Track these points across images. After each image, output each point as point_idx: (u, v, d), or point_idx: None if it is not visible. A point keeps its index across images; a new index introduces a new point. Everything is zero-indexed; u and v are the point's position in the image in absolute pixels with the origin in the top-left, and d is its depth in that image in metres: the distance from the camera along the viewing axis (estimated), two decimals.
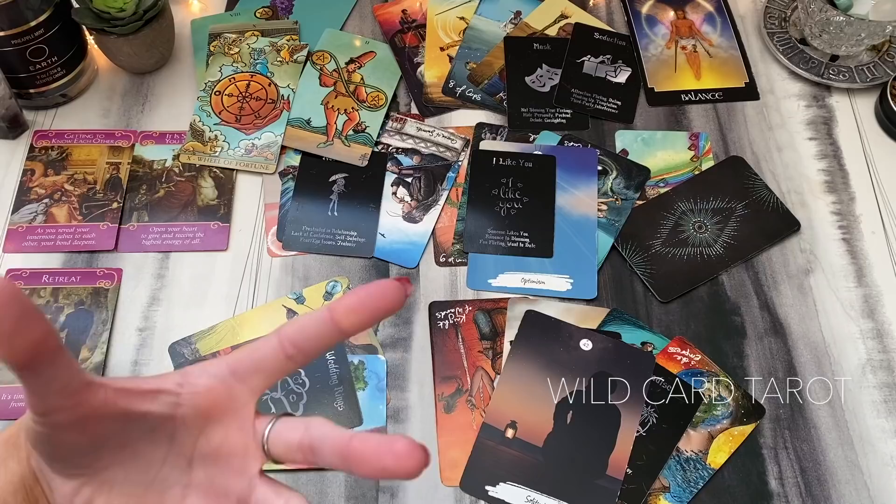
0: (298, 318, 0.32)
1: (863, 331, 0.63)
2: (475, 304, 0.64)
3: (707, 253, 0.66)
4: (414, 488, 0.56)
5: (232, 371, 0.33)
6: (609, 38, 0.79)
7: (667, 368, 0.61)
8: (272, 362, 0.32)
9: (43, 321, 0.28)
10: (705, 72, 0.78)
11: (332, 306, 0.31)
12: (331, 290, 0.65)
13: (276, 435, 0.33)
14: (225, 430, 0.33)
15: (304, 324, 0.32)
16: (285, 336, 0.32)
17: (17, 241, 0.66)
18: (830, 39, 0.74)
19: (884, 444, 0.58)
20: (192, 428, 0.33)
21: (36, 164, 0.70)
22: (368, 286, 0.31)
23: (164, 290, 0.65)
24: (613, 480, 0.56)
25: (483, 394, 0.60)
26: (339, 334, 0.31)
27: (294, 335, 0.32)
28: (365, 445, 0.30)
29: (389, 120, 0.74)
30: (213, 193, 0.69)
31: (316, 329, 0.32)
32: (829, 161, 0.72)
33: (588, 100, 0.75)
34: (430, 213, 0.69)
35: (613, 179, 0.70)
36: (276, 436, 0.33)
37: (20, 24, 0.66)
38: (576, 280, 0.65)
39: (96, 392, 0.30)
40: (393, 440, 0.29)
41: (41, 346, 0.28)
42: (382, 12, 0.82)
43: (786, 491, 0.57)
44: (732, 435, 0.58)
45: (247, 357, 0.33)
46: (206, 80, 0.75)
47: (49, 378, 0.29)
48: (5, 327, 0.27)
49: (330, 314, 0.31)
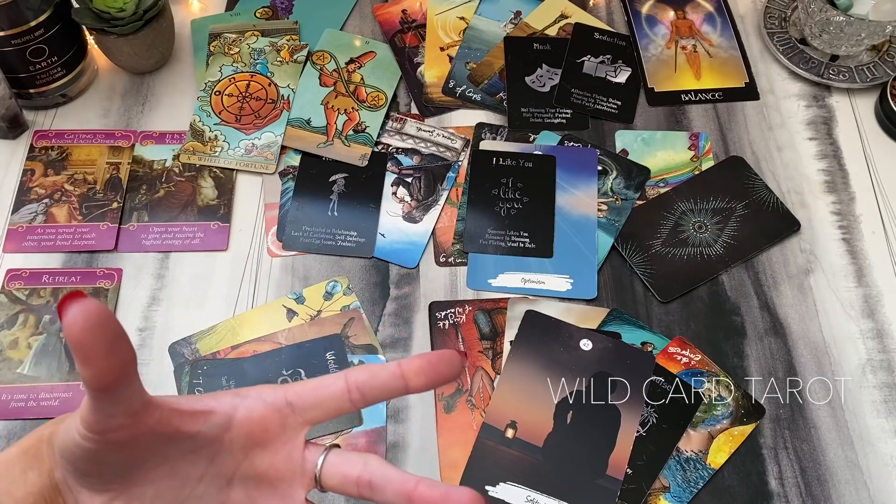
0: (369, 367, 0.34)
1: (863, 331, 0.63)
2: (475, 304, 0.64)
3: (707, 253, 0.66)
4: None
5: (290, 402, 0.34)
6: (609, 38, 0.79)
7: (667, 368, 0.61)
8: (335, 402, 0.34)
9: (129, 343, 0.28)
10: (705, 72, 0.78)
11: (402, 364, 0.33)
12: (331, 290, 0.65)
13: (332, 467, 0.34)
14: (272, 457, 0.34)
15: (375, 373, 0.34)
16: (354, 381, 0.34)
17: (17, 241, 0.66)
18: (830, 39, 0.74)
19: (884, 444, 0.58)
20: (237, 451, 0.34)
21: (36, 164, 0.70)
22: (436, 353, 0.33)
23: (164, 290, 0.65)
24: (613, 480, 0.56)
25: (483, 394, 0.60)
26: (404, 390, 0.33)
27: (363, 382, 0.34)
28: (432, 492, 0.31)
29: (389, 120, 0.74)
30: (213, 193, 0.69)
31: (385, 381, 0.33)
32: (829, 161, 0.72)
33: (588, 100, 0.75)
34: (430, 213, 0.69)
35: (613, 179, 0.70)
36: (332, 468, 0.34)
37: (20, 24, 0.66)
38: (576, 280, 0.65)
39: (153, 412, 0.31)
40: (459, 492, 0.31)
41: (127, 368, 0.29)
42: (382, 12, 0.82)
43: (786, 491, 0.57)
44: (732, 435, 0.58)
45: (311, 392, 0.34)
46: (206, 80, 0.75)
47: (120, 398, 0.29)
48: (100, 349, 0.27)
49: (400, 370, 0.33)
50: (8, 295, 0.63)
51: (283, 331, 0.62)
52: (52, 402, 0.59)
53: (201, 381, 0.60)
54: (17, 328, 0.62)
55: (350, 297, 0.64)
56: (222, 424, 0.33)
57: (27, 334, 0.61)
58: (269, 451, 0.34)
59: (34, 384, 0.59)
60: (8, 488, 0.33)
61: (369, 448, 0.58)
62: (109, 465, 0.32)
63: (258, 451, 0.34)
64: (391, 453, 0.58)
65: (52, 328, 0.62)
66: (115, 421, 0.30)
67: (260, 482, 0.34)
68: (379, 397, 0.34)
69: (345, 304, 0.64)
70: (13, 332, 0.61)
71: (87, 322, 0.27)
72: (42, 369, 0.60)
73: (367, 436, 0.58)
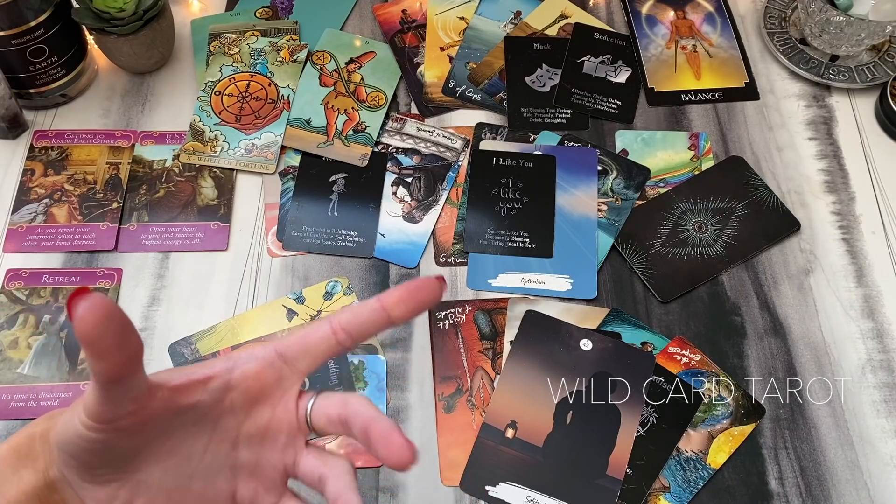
0: (350, 307, 0.35)
1: (863, 331, 0.63)
2: (475, 304, 0.64)
3: (707, 253, 0.66)
4: (414, 488, 0.56)
5: (280, 354, 0.35)
6: (609, 38, 0.80)
7: (667, 368, 0.61)
8: (322, 346, 0.35)
9: (136, 334, 0.29)
10: (705, 72, 0.78)
11: (382, 297, 0.34)
12: (331, 289, 0.65)
13: (318, 409, 0.35)
14: (272, 410, 0.35)
15: (357, 311, 0.35)
16: (338, 323, 0.35)
17: (17, 241, 0.66)
18: (830, 39, 0.74)
19: (884, 444, 0.58)
20: (239, 412, 0.35)
21: (36, 164, 0.70)
22: (415, 281, 0.34)
23: (164, 290, 0.65)
24: (613, 480, 0.56)
25: (483, 394, 0.60)
26: (388, 322, 0.34)
27: (346, 322, 0.35)
28: (378, 428, 0.32)
29: (389, 120, 0.74)
30: (213, 193, 0.69)
31: (368, 317, 0.34)
32: (829, 161, 0.72)
33: (588, 100, 0.75)
34: (430, 213, 0.69)
35: (613, 179, 0.70)
36: (318, 410, 0.35)
37: (20, 24, 0.66)
38: (576, 280, 0.65)
39: (155, 393, 0.31)
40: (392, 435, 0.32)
41: (136, 357, 0.29)
42: (382, 12, 0.82)
43: (786, 491, 0.57)
44: (732, 435, 0.58)
45: (298, 342, 0.35)
46: (206, 80, 0.75)
47: (128, 387, 0.30)
48: (110, 343, 0.28)
49: (381, 304, 0.34)
50: (8, 295, 0.63)
51: (283, 331, 0.62)
52: (52, 402, 0.59)
53: None
54: (17, 328, 0.62)
55: (350, 297, 0.64)
56: (221, 388, 0.34)
57: (27, 334, 0.61)
58: (268, 406, 0.35)
59: (34, 384, 0.59)
60: (0, 488, 0.33)
61: None
62: (116, 454, 0.32)
63: (258, 407, 0.35)
64: None
65: (51, 328, 0.62)
66: (123, 409, 0.30)
67: (263, 437, 0.35)
68: (364, 334, 0.35)
69: (345, 304, 0.64)
70: (13, 332, 0.62)
71: (96, 318, 0.27)
72: (42, 369, 0.60)
73: None
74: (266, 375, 0.35)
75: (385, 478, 0.57)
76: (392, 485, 0.56)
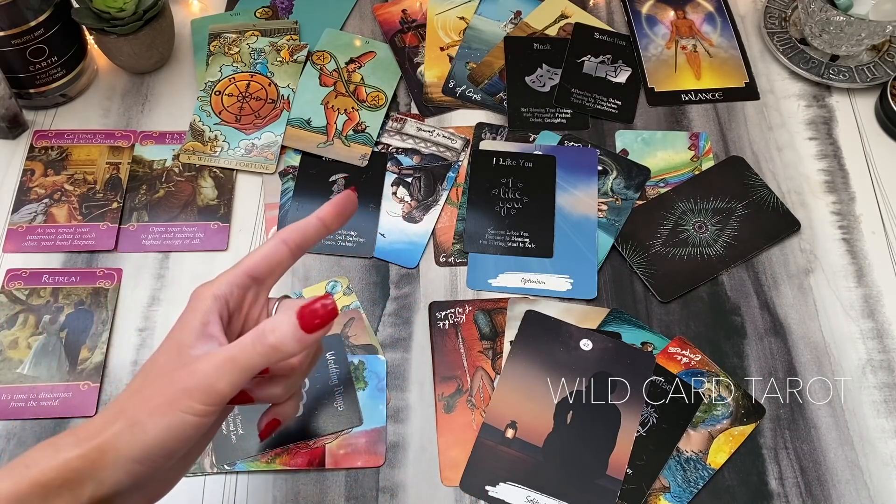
0: (295, 225, 0.43)
1: (863, 331, 0.63)
2: (475, 304, 0.64)
3: (707, 253, 0.66)
4: (414, 488, 0.56)
5: (252, 277, 0.43)
6: (609, 38, 0.80)
7: (667, 368, 0.61)
8: (283, 263, 0.43)
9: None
10: (705, 72, 0.78)
11: (320, 214, 0.43)
12: (331, 289, 0.65)
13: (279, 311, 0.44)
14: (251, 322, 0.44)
15: (304, 229, 0.43)
16: (293, 242, 0.43)
17: (17, 241, 0.66)
18: (830, 39, 0.74)
19: (884, 444, 0.58)
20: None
21: (36, 164, 0.70)
22: (338, 198, 0.44)
23: (164, 290, 0.65)
24: (613, 480, 0.56)
25: (483, 394, 0.60)
26: (326, 232, 0.44)
27: (295, 237, 0.43)
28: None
29: (389, 120, 0.74)
30: (213, 193, 0.69)
31: (314, 233, 0.43)
32: (829, 161, 0.72)
33: (588, 100, 0.75)
34: (430, 213, 0.69)
35: (613, 179, 0.70)
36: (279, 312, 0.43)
37: (20, 24, 0.66)
38: (576, 280, 0.65)
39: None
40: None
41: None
42: (382, 12, 0.82)
43: (786, 491, 0.57)
44: (732, 435, 0.58)
45: (263, 262, 0.43)
46: (206, 80, 0.75)
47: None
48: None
49: (321, 220, 0.43)
50: (8, 295, 0.63)
51: None
52: (52, 402, 0.59)
53: None
54: (17, 328, 0.62)
55: (350, 297, 0.64)
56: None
57: (27, 334, 0.61)
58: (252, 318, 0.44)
59: (34, 384, 0.59)
60: None
61: (369, 447, 0.58)
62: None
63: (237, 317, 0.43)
64: (391, 453, 0.58)
65: (51, 328, 0.62)
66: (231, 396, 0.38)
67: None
68: (310, 244, 0.44)
69: (345, 304, 0.64)
70: (13, 332, 0.61)
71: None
72: (42, 369, 0.60)
73: (368, 436, 0.58)
74: (247, 297, 0.43)
75: (385, 478, 0.57)
76: (392, 485, 0.56)
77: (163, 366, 0.39)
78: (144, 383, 0.39)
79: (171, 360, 0.39)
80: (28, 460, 0.36)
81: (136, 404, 0.38)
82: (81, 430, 0.37)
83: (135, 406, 0.37)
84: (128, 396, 0.39)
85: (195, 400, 0.37)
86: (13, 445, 0.57)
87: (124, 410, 0.38)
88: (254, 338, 0.37)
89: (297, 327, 0.37)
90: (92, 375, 0.60)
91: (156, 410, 0.37)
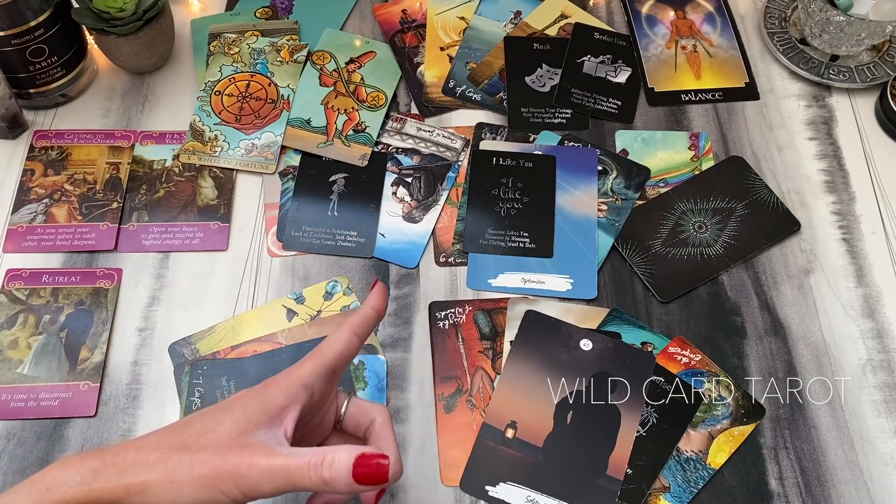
0: (360, 317, 0.46)
1: (863, 331, 0.63)
2: (475, 304, 0.64)
3: (707, 253, 0.66)
4: (414, 488, 0.56)
5: (333, 370, 0.44)
6: (609, 38, 0.80)
7: (667, 368, 0.61)
8: (354, 353, 0.45)
9: None
10: (705, 72, 0.78)
11: (375, 305, 0.46)
12: (331, 289, 0.65)
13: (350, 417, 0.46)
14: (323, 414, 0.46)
15: (366, 320, 0.46)
16: (360, 332, 0.45)
17: (17, 241, 0.66)
18: (830, 39, 0.74)
19: (884, 444, 0.58)
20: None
21: (36, 164, 0.70)
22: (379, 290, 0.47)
23: (164, 290, 0.65)
24: (613, 480, 0.56)
25: (483, 394, 0.60)
26: (380, 318, 0.47)
27: (365, 329, 0.45)
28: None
29: (389, 120, 0.74)
30: (213, 193, 0.69)
31: (374, 322, 0.46)
32: (829, 161, 0.72)
33: (588, 100, 0.75)
34: (430, 213, 0.69)
35: (613, 179, 0.70)
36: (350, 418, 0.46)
37: (20, 24, 0.66)
38: (576, 280, 0.65)
39: None
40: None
41: None
42: (382, 12, 0.82)
43: (786, 491, 0.57)
44: (732, 435, 0.58)
45: (342, 355, 0.44)
46: (206, 80, 0.75)
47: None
48: None
49: (377, 311, 0.46)
50: (8, 295, 0.63)
51: (282, 331, 0.62)
52: (52, 402, 0.59)
53: (201, 381, 0.60)
54: (17, 328, 0.62)
55: (350, 297, 0.64)
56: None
57: (27, 334, 0.61)
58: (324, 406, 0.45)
59: (34, 384, 0.59)
60: None
61: None
62: None
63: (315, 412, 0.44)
64: None
65: (51, 328, 0.62)
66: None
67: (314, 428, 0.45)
68: (369, 332, 0.46)
69: (345, 304, 0.64)
70: (13, 332, 0.61)
71: None
72: (42, 369, 0.60)
73: None
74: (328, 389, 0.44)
75: None
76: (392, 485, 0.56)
77: (223, 433, 0.38)
78: (197, 439, 0.38)
79: (233, 431, 0.38)
80: (49, 481, 0.36)
81: (180, 460, 0.37)
82: (109, 455, 0.37)
83: (178, 461, 0.37)
84: (172, 440, 0.38)
85: (239, 489, 0.37)
86: (13, 445, 0.57)
87: (165, 460, 0.37)
88: (312, 464, 0.37)
89: (351, 475, 0.38)
90: (92, 375, 0.60)
91: (199, 480, 0.36)
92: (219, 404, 0.40)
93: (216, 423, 0.39)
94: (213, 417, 0.39)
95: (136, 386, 0.60)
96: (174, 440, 0.38)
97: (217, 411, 0.39)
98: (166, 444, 0.38)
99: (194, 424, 0.39)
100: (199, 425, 0.39)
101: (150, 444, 0.38)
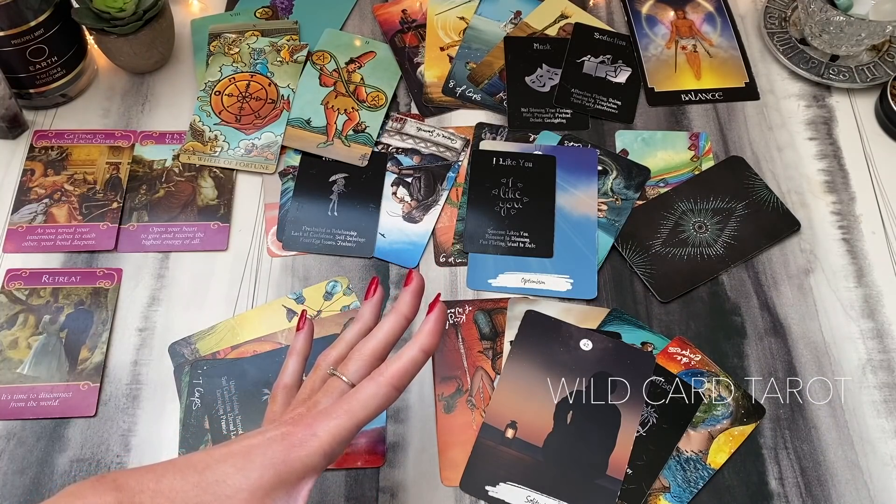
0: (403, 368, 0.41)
1: (863, 331, 0.63)
2: (475, 304, 0.64)
3: (707, 253, 0.66)
4: (414, 488, 0.56)
5: (397, 388, 0.41)
6: (609, 38, 0.80)
7: (667, 368, 0.61)
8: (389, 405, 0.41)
9: None
10: (705, 72, 0.78)
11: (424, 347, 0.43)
12: (331, 290, 0.65)
13: None
14: None
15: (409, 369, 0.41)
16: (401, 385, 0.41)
17: (17, 241, 0.66)
18: (830, 39, 0.74)
19: (884, 444, 0.58)
20: None
21: (36, 164, 0.70)
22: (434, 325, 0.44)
23: (164, 290, 0.65)
24: (613, 480, 0.56)
25: (483, 394, 0.60)
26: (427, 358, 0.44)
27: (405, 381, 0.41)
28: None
29: (389, 120, 0.74)
30: (213, 193, 0.69)
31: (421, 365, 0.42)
32: (829, 161, 0.72)
33: (588, 100, 0.75)
34: (430, 213, 0.69)
35: (613, 179, 0.70)
36: None
37: (20, 24, 0.66)
38: (576, 280, 0.65)
39: None
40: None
41: None
42: (382, 12, 0.82)
43: (786, 491, 0.57)
44: (732, 435, 0.58)
45: (408, 373, 0.41)
46: (206, 80, 0.75)
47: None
48: None
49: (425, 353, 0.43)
50: (8, 295, 0.63)
51: (283, 331, 0.62)
52: (52, 402, 0.59)
53: (201, 381, 0.60)
54: (17, 328, 0.62)
55: (350, 297, 0.64)
56: None
57: (27, 334, 0.61)
58: None
59: (34, 384, 0.59)
60: None
61: (369, 448, 0.58)
62: None
63: None
64: (391, 453, 0.58)
65: (51, 328, 0.62)
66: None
67: None
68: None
69: (345, 304, 0.64)
70: (13, 332, 0.62)
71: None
72: (42, 369, 0.60)
73: (367, 436, 0.58)
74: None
75: (385, 478, 0.57)
76: (392, 485, 0.56)
77: (231, 486, 0.37)
78: (207, 487, 0.37)
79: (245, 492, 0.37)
80: None
81: None
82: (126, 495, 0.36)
83: None
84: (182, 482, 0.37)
85: None
86: (13, 445, 0.57)
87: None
88: None
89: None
90: (92, 375, 0.60)
91: None
92: (235, 448, 0.39)
93: (229, 464, 0.38)
94: (224, 462, 0.38)
95: (136, 386, 0.60)
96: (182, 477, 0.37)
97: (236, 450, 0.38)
98: (175, 482, 0.37)
99: (209, 461, 0.38)
100: (211, 463, 0.38)
101: (164, 494, 0.37)
